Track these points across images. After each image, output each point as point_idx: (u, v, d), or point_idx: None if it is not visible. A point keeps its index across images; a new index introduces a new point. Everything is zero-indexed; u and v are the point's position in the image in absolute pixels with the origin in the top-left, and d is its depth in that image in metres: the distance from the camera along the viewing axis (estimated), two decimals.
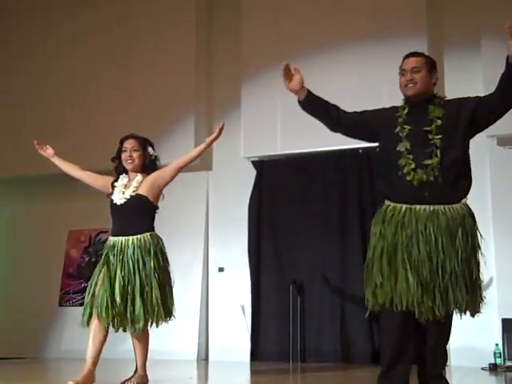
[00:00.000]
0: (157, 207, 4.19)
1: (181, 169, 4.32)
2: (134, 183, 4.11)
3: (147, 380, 4.10)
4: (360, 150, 6.65)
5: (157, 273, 3.97)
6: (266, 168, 7.16)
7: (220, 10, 7.73)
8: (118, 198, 4.10)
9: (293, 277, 6.70)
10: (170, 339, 6.73)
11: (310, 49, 6.85)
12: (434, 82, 3.36)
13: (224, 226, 7.24)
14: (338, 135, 3.59)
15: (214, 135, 4.30)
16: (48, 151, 4.48)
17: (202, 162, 7.38)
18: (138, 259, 3.97)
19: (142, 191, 4.09)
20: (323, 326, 6.61)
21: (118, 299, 3.88)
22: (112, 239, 4.09)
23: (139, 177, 4.13)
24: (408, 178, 3.17)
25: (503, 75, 3.26)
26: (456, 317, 3.22)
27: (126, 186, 4.13)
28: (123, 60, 7.68)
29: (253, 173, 7.20)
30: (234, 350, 6.88)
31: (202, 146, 4.32)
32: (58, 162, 4.48)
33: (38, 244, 7.89)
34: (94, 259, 7.56)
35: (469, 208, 3.24)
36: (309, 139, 6.66)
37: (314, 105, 3.51)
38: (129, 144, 4.16)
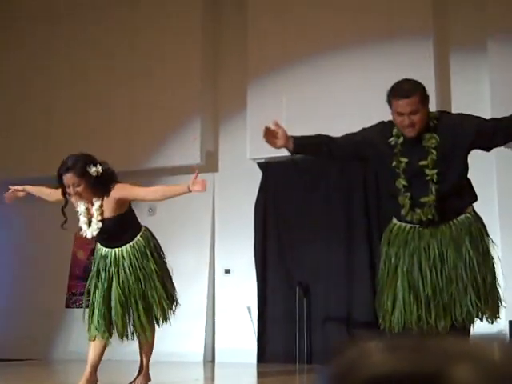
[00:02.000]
0: (130, 209, 3.99)
1: (144, 201, 4.15)
2: (95, 210, 3.87)
3: (149, 379, 4.10)
4: None
5: (156, 271, 3.93)
6: (271, 170, 7.16)
7: (226, 15, 7.73)
8: (90, 230, 3.89)
9: (299, 278, 6.69)
10: (177, 341, 6.74)
11: (315, 53, 6.85)
12: (428, 109, 3.26)
13: (230, 228, 7.25)
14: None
15: (197, 187, 3.82)
16: (20, 194, 4.36)
17: (207, 164, 7.40)
18: (135, 268, 3.87)
19: (108, 213, 3.86)
20: (329, 327, 6.60)
21: (115, 313, 3.84)
22: (102, 249, 3.96)
23: (97, 203, 3.87)
24: (408, 218, 3.18)
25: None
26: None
27: (88, 212, 3.90)
28: (129, 65, 7.69)
29: (259, 174, 7.20)
30: (241, 351, 6.88)
31: (182, 189, 3.89)
32: (32, 191, 4.34)
33: (45, 245, 7.90)
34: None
35: (475, 213, 3.22)
36: None
37: (304, 150, 3.50)
38: (67, 180, 3.83)
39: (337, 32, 6.87)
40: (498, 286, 3.19)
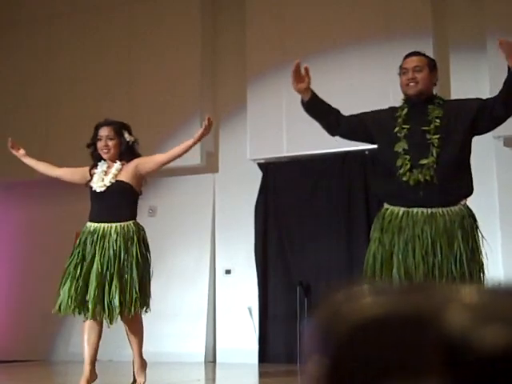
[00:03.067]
0: (139, 193, 4.08)
1: (164, 164, 4.13)
2: (114, 170, 3.99)
3: (146, 364, 4.02)
4: (366, 152, 6.64)
5: (138, 261, 3.87)
6: (271, 170, 7.17)
7: (225, 13, 7.74)
8: (98, 185, 3.99)
9: (300, 278, 6.70)
10: (178, 341, 6.74)
11: (315, 51, 6.85)
12: (435, 82, 3.36)
13: (230, 228, 7.25)
14: None
15: (202, 131, 4.01)
16: (20, 151, 4.44)
17: (207, 165, 7.40)
18: (119, 247, 3.86)
19: (123, 178, 3.97)
20: None
21: (92, 287, 3.78)
22: (92, 225, 3.98)
23: (118, 164, 4.01)
24: (404, 179, 3.18)
25: (506, 82, 3.25)
26: None
27: (105, 173, 4.01)
28: (126, 62, 7.69)
29: (259, 175, 7.20)
30: (242, 351, 6.88)
31: (190, 141, 4.09)
32: (30, 161, 4.40)
33: (45, 246, 7.91)
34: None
35: (469, 209, 3.23)
36: (315, 141, 6.66)
37: (316, 106, 3.50)
38: (103, 132, 4.02)
39: (335, 31, 6.88)
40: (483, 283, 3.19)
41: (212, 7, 7.75)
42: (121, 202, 3.98)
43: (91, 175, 4.10)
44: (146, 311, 3.98)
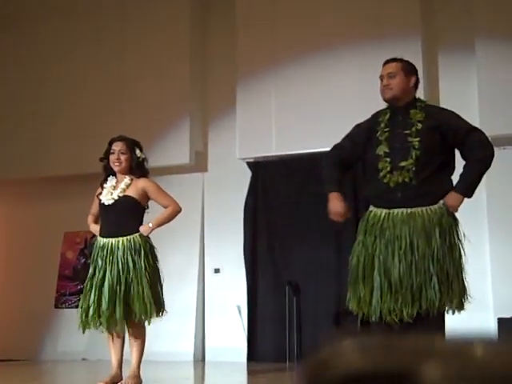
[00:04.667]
0: (145, 207, 4.27)
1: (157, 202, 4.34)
2: (122, 185, 4.18)
3: (141, 381, 4.11)
4: None
5: (147, 272, 4.05)
6: (261, 169, 7.18)
7: (215, 12, 7.74)
8: (107, 198, 4.18)
9: (289, 277, 6.71)
10: (167, 340, 6.74)
11: (304, 53, 6.88)
12: (413, 85, 3.42)
13: (220, 227, 7.26)
14: (332, 135, 3.65)
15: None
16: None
17: (197, 164, 7.41)
18: (127, 260, 4.06)
19: (130, 193, 4.16)
20: (319, 326, 6.63)
21: (105, 301, 3.95)
22: (102, 240, 4.17)
23: (127, 179, 4.20)
24: (384, 181, 3.27)
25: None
26: (452, 317, 3.25)
27: (114, 188, 4.20)
28: (117, 63, 7.67)
29: (248, 174, 7.21)
30: (231, 350, 6.89)
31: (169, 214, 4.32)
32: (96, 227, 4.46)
33: (33, 246, 7.88)
34: (89, 261, 7.57)
35: (448, 208, 3.29)
36: (304, 140, 6.69)
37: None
38: (117, 146, 4.22)
39: (325, 32, 6.90)
40: (463, 279, 3.23)
41: (202, 7, 7.76)
42: (127, 216, 4.17)
43: (102, 188, 4.26)
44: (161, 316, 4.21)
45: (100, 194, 4.24)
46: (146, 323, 4.10)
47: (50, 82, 7.93)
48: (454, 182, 3.38)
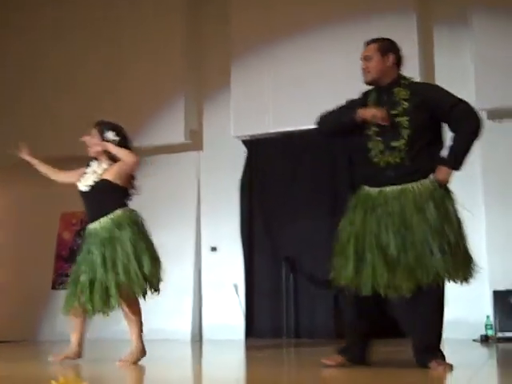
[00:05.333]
0: (126, 188, 4.20)
1: (136, 164, 4.25)
2: (99, 170, 4.15)
3: (145, 352, 4.09)
4: None
5: (132, 243, 3.96)
6: (256, 147, 7.17)
7: None
8: (83, 184, 4.16)
9: (285, 254, 6.73)
10: (164, 318, 6.77)
11: (299, 32, 6.85)
12: (394, 63, 3.39)
13: (216, 206, 7.26)
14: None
15: None
16: (24, 152, 4.57)
17: (192, 142, 7.39)
18: (110, 236, 3.99)
19: (108, 176, 4.11)
20: (316, 302, 6.66)
21: (97, 279, 3.93)
22: (88, 228, 4.14)
23: (104, 164, 4.16)
24: (375, 160, 3.26)
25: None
26: (448, 290, 3.26)
27: (94, 172, 4.17)
28: (111, 42, 7.64)
29: (244, 152, 7.20)
30: (229, 327, 6.93)
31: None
32: (33, 161, 4.54)
33: (30, 227, 7.88)
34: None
35: (438, 182, 3.29)
36: (299, 117, 6.67)
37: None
38: (91, 132, 4.22)
39: (320, 10, 6.86)
40: (467, 248, 3.24)
41: None
42: (105, 199, 4.12)
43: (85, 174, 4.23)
44: (153, 292, 4.08)
45: (82, 176, 4.20)
46: (142, 299, 4.03)
47: (41, 63, 7.89)
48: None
